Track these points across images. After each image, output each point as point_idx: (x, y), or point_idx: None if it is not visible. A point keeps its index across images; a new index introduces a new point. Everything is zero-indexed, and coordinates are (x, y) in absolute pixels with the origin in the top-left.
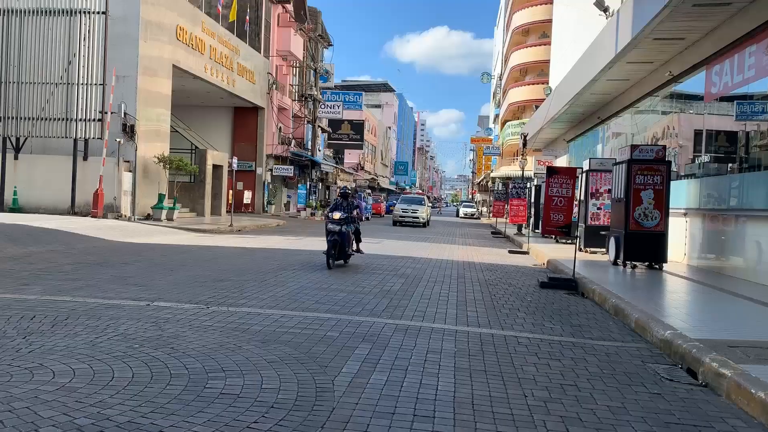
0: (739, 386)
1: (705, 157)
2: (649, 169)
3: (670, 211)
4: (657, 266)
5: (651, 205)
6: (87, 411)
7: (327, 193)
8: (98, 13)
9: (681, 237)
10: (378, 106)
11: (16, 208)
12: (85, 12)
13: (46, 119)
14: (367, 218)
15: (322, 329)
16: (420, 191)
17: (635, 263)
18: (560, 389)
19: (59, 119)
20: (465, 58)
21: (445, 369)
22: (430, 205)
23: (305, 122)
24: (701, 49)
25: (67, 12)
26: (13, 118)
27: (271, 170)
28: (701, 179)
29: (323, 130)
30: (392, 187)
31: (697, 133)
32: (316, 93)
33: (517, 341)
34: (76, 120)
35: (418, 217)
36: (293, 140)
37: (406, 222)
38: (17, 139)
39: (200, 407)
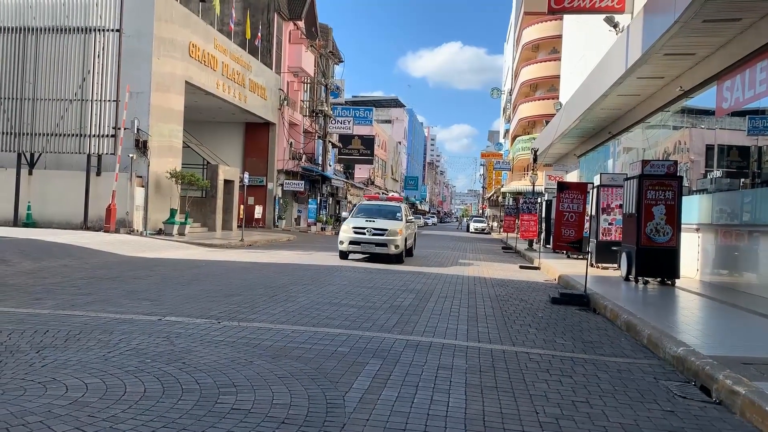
0: (753, 404)
1: (717, 172)
2: (661, 184)
3: (682, 226)
4: (669, 282)
5: (663, 220)
6: (99, 426)
7: (337, 207)
8: (112, 30)
9: (693, 252)
10: (388, 122)
11: (29, 223)
12: (99, 30)
13: (60, 135)
14: None
15: (332, 344)
16: (396, 195)
17: (647, 279)
18: (572, 406)
19: (73, 135)
20: (477, 73)
21: (456, 385)
22: (413, 219)
23: (316, 138)
24: (712, 64)
25: (82, 30)
26: (28, 134)
27: (281, 185)
28: (713, 194)
29: (334, 146)
30: None
31: (709, 148)
32: (326, 109)
33: (528, 357)
34: (89, 136)
35: (385, 243)
36: (304, 155)
37: (366, 250)
38: (32, 155)
39: (211, 422)
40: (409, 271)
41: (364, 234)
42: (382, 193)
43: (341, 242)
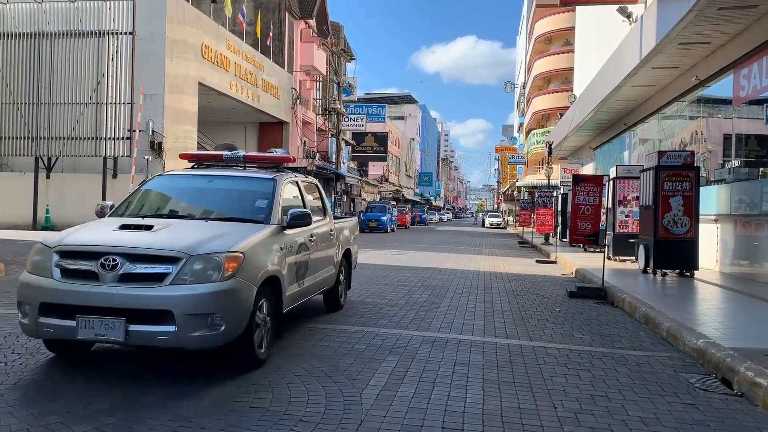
0: None
1: (735, 162)
2: (678, 175)
3: (701, 217)
4: (688, 274)
5: (680, 211)
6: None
7: (352, 205)
8: (126, 33)
9: (712, 243)
10: (401, 118)
11: (48, 227)
12: (113, 33)
13: (76, 138)
14: (392, 229)
15: (348, 342)
16: (280, 153)
17: (665, 271)
18: (591, 400)
19: (89, 138)
20: (492, 67)
21: (474, 381)
22: (329, 211)
23: (329, 135)
24: (728, 52)
25: (95, 34)
26: (44, 138)
27: None
28: (732, 184)
29: (347, 143)
30: (417, 198)
31: (727, 138)
32: (339, 106)
33: (546, 352)
34: (105, 139)
35: (164, 308)
36: (317, 154)
37: (99, 336)
38: (49, 159)
39: (230, 421)
40: (424, 267)
41: (94, 278)
42: (230, 154)
43: (21, 306)
